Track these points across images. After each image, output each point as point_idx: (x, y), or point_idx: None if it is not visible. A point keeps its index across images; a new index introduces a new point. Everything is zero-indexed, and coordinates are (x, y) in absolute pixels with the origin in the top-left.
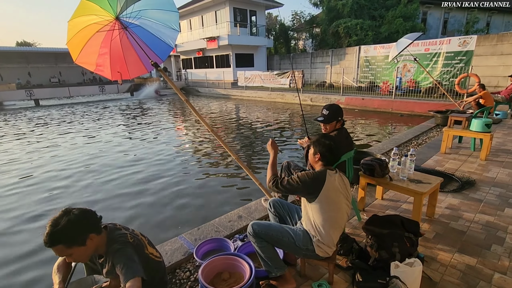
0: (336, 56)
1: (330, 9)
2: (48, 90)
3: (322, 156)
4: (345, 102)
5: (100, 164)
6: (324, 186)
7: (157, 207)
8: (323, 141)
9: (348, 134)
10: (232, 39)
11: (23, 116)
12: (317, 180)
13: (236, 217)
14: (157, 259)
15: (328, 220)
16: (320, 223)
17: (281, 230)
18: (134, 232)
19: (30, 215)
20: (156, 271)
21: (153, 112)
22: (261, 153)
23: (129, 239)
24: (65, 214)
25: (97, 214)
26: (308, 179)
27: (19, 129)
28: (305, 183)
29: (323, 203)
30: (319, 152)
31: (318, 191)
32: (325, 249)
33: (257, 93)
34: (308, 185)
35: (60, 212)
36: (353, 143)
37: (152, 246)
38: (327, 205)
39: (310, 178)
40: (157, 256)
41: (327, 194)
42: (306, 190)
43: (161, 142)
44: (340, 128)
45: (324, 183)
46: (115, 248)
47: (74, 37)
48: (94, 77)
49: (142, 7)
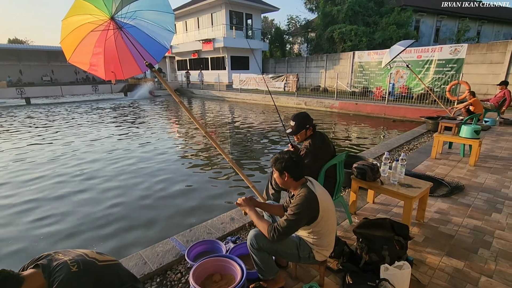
0: (330, 61)
1: (326, 15)
2: (40, 89)
3: (291, 172)
4: (339, 107)
5: (88, 165)
6: (320, 205)
7: (147, 207)
8: (281, 157)
9: (324, 137)
10: (228, 42)
11: (11, 114)
12: (311, 203)
13: (228, 219)
14: (111, 262)
15: (326, 228)
16: (319, 234)
17: (285, 242)
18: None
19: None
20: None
21: (146, 112)
22: (254, 156)
23: (71, 267)
24: None
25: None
26: (304, 209)
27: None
28: (304, 213)
29: (323, 218)
30: (285, 171)
31: (317, 213)
32: (324, 253)
33: (252, 96)
34: (307, 213)
35: None
36: (331, 144)
37: (101, 254)
38: (326, 217)
39: (305, 206)
40: (111, 260)
41: (323, 208)
42: (308, 218)
43: (153, 142)
44: (313, 135)
45: (319, 203)
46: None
47: (67, 36)
48: (88, 76)
49: (137, 7)
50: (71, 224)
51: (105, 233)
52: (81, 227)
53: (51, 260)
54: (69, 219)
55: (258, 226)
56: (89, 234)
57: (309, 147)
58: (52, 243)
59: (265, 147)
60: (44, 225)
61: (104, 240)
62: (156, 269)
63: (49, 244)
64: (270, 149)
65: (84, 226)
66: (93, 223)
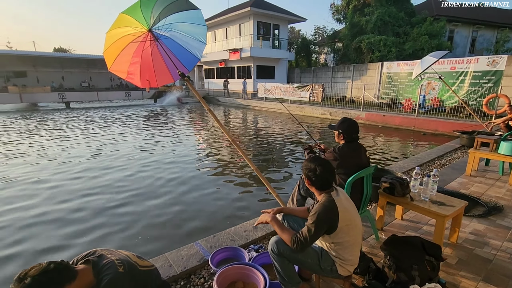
0: (357, 71)
1: (353, 25)
2: (79, 94)
3: (313, 181)
4: (365, 118)
5: (117, 167)
6: (340, 214)
7: (171, 212)
8: (308, 164)
9: (358, 148)
10: (255, 52)
11: (55, 117)
12: (329, 212)
13: (251, 227)
14: (150, 268)
15: (349, 241)
16: (341, 246)
17: (306, 251)
18: (121, 254)
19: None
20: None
21: (174, 118)
22: (277, 164)
23: (119, 267)
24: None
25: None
26: (321, 217)
27: (54, 129)
28: (321, 222)
29: (343, 229)
30: (307, 179)
31: (337, 222)
32: (348, 268)
33: (277, 105)
34: (326, 222)
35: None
36: (363, 158)
37: (141, 259)
38: (347, 228)
39: (321, 214)
40: (149, 266)
41: (344, 218)
42: (327, 228)
43: (179, 148)
44: (347, 142)
45: (338, 212)
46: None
47: (110, 47)
48: (121, 83)
49: (173, 20)
50: (100, 221)
51: (131, 233)
52: (110, 225)
53: (100, 258)
54: (98, 218)
55: (281, 236)
56: (115, 230)
57: (336, 149)
58: (89, 243)
59: (289, 156)
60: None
61: (130, 239)
62: (180, 272)
63: (89, 244)
64: (293, 158)
65: (112, 224)
66: (120, 222)
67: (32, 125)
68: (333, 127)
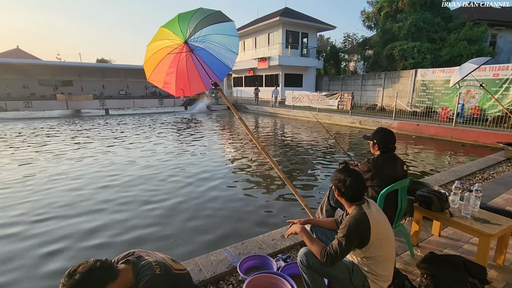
0: (389, 79)
1: (385, 32)
2: (117, 101)
3: (340, 192)
4: (397, 127)
5: (146, 172)
6: (372, 228)
7: (199, 216)
8: (337, 175)
9: (394, 160)
10: (283, 60)
11: (96, 122)
12: (360, 225)
13: (279, 236)
14: (183, 272)
15: (381, 255)
16: (374, 260)
17: (337, 265)
18: (157, 256)
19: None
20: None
21: (204, 125)
22: (306, 173)
23: (156, 269)
24: (69, 278)
25: (106, 262)
26: (352, 230)
27: (100, 134)
28: (352, 235)
29: (375, 243)
30: (337, 190)
31: (369, 235)
32: (381, 284)
33: (304, 113)
34: (356, 235)
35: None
36: (398, 169)
37: (176, 262)
38: (379, 242)
39: (352, 227)
40: (183, 270)
41: (377, 232)
42: (358, 241)
43: (208, 154)
44: (382, 153)
45: (370, 225)
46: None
47: (149, 59)
48: (155, 91)
49: (208, 32)
50: (132, 223)
51: (162, 236)
52: (144, 227)
53: (139, 259)
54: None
55: (310, 248)
56: (147, 231)
57: (369, 160)
58: (125, 243)
59: (317, 165)
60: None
61: (161, 241)
62: (209, 277)
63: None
64: (322, 167)
65: (146, 226)
66: (153, 224)
67: (79, 129)
68: (368, 137)
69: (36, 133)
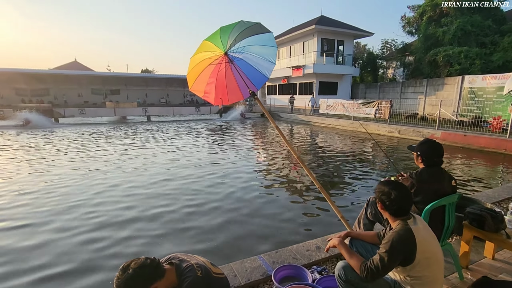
0: (432, 86)
1: (428, 37)
2: (158, 109)
3: (384, 205)
4: (441, 137)
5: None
6: (418, 245)
7: (233, 221)
8: (381, 187)
9: (440, 174)
10: (317, 68)
11: (145, 128)
12: (405, 241)
13: (314, 247)
14: (221, 276)
15: (428, 276)
16: (419, 281)
17: (377, 282)
18: (198, 259)
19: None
20: None
21: (238, 132)
22: (341, 183)
23: (197, 271)
24: (123, 272)
25: (154, 261)
26: (395, 246)
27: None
28: (395, 252)
29: (422, 262)
30: (380, 202)
31: (414, 253)
32: None
33: (339, 121)
34: (400, 252)
35: (118, 271)
36: (445, 184)
37: (214, 266)
38: (426, 262)
39: (396, 244)
40: (221, 274)
41: (424, 250)
42: (402, 259)
43: (242, 161)
44: (428, 166)
45: (416, 242)
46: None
47: (192, 70)
48: (192, 99)
49: (247, 43)
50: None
51: (199, 239)
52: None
53: (182, 261)
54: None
55: (349, 262)
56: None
57: (413, 174)
58: (166, 243)
59: (353, 175)
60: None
61: (197, 244)
62: (244, 284)
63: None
64: (359, 177)
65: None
66: (190, 228)
67: (124, 135)
68: (412, 148)
69: (120, 134)
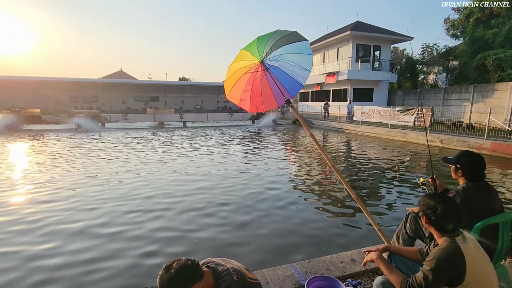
0: (479, 92)
1: (475, 40)
2: (193, 115)
3: (430, 220)
4: (490, 148)
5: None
6: (468, 266)
7: (267, 227)
8: (425, 200)
9: (488, 190)
10: (352, 74)
11: (178, 133)
12: (452, 260)
13: (349, 259)
14: (256, 281)
15: None
16: None
17: None
18: (233, 264)
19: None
20: None
21: (270, 138)
22: (377, 194)
23: (233, 275)
24: (166, 271)
25: (194, 262)
26: (441, 265)
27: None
28: (441, 271)
29: (472, 284)
30: (425, 216)
31: (463, 274)
32: None
33: (374, 129)
34: (446, 272)
35: (161, 270)
36: (496, 201)
37: (249, 271)
38: (477, 284)
39: (444, 263)
40: (255, 279)
41: (474, 272)
42: (448, 279)
43: (273, 167)
44: (472, 183)
45: (466, 262)
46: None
47: (229, 78)
48: (225, 105)
49: (283, 51)
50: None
51: (230, 244)
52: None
53: (218, 265)
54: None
55: (388, 278)
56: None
57: (460, 191)
58: (197, 247)
59: (391, 186)
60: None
61: (229, 249)
62: None
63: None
64: (397, 188)
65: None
66: (223, 232)
67: (161, 140)
68: (449, 160)
69: (159, 138)
